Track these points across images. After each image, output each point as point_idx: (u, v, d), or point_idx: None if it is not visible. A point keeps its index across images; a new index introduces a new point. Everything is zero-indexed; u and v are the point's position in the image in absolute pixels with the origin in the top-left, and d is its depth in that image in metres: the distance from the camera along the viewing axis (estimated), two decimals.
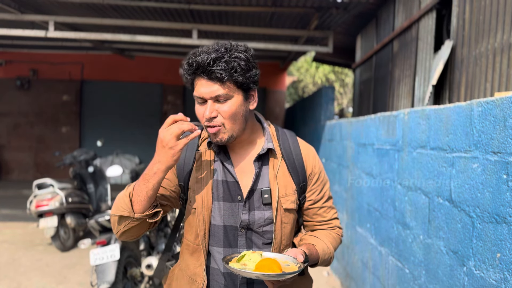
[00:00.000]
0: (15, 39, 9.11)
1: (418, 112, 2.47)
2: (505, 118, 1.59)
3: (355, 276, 3.87)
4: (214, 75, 1.30)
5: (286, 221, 1.47)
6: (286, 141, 1.52)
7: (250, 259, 1.30)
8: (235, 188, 1.44)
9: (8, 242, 5.66)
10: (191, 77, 1.36)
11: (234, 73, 1.31)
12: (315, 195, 1.54)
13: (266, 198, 1.43)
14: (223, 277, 1.46)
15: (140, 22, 6.14)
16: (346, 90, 17.61)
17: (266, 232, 1.45)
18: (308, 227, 1.60)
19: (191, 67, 1.33)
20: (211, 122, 1.35)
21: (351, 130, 4.18)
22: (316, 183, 1.54)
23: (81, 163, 6.14)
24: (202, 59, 1.29)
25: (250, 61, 1.36)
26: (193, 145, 1.49)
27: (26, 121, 11.25)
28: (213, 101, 1.34)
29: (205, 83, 1.32)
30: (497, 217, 1.62)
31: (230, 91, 1.33)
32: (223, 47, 1.33)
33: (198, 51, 1.34)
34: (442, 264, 2.10)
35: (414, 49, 4.70)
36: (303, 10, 5.45)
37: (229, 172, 1.45)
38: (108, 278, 3.24)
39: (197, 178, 1.45)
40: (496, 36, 3.18)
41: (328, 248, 1.49)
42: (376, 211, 3.25)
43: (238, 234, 1.44)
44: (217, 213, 1.44)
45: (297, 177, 1.49)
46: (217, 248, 1.46)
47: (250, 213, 1.43)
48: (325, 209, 1.56)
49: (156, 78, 11.33)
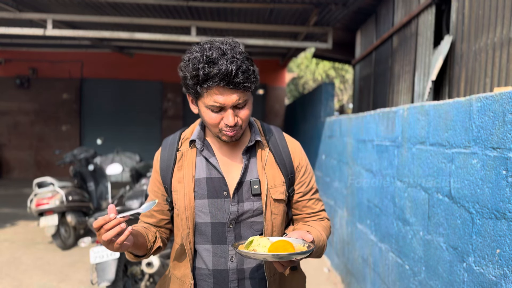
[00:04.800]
0: (14, 38, 9.10)
1: (417, 108, 2.46)
2: (504, 114, 1.58)
3: (355, 272, 3.87)
4: (241, 86, 1.29)
5: (276, 212, 1.47)
6: (272, 135, 1.55)
7: (259, 244, 1.29)
8: (220, 184, 1.44)
9: (9, 241, 5.67)
10: (206, 87, 1.30)
11: (253, 79, 1.33)
12: (303, 187, 1.54)
13: (256, 189, 1.43)
14: (212, 276, 1.45)
15: (139, 20, 6.12)
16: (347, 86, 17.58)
17: (256, 223, 1.45)
18: (298, 220, 1.59)
19: (213, 78, 1.27)
20: (234, 127, 1.37)
21: (351, 127, 4.17)
22: (304, 175, 1.55)
23: (81, 161, 6.14)
24: (226, 71, 1.26)
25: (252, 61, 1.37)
26: (173, 146, 1.51)
27: (26, 120, 11.26)
28: (233, 108, 1.34)
29: (225, 91, 1.30)
30: (497, 213, 1.61)
31: (247, 96, 1.36)
32: (236, 52, 1.31)
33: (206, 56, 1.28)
34: (442, 260, 2.10)
35: (414, 45, 4.68)
36: (302, 6, 5.43)
37: (214, 167, 1.46)
38: (109, 276, 3.24)
39: (179, 178, 1.46)
40: (496, 31, 3.16)
41: (322, 235, 1.48)
42: (376, 208, 3.24)
43: (227, 230, 1.44)
44: (202, 211, 1.44)
45: (285, 169, 1.50)
46: (205, 246, 1.45)
47: (239, 204, 1.43)
48: (314, 201, 1.57)
49: (156, 75, 11.32)
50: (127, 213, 1.25)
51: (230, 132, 1.38)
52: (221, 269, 1.44)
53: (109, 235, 1.20)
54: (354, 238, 3.97)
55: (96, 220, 1.21)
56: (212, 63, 1.27)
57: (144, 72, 11.25)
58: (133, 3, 5.56)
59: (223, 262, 1.44)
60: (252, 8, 5.61)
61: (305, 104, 8.20)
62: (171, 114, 11.49)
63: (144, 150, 11.06)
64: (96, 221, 1.21)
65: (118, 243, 1.22)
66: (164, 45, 9.17)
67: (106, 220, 1.20)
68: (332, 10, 5.42)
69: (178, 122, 11.48)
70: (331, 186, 5.06)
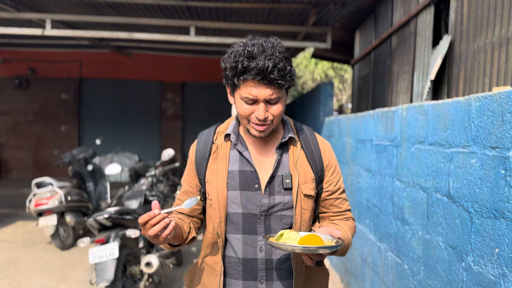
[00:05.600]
0: (12, 38, 9.08)
1: (416, 108, 2.46)
2: (503, 113, 1.58)
3: (354, 272, 3.87)
4: (274, 82, 1.36)
5: (306, 207, 1.52)
6: (304, 133, 1.60)
7: (289, 237, 1.35)
8: (252, 177, 1.50)
9: (7, 241, 5.66)
10: (243, 79, 1.38)
11: (288, 78, 1.39)
12: (332, 186, 1.59)
13: (287, 183, 1.48)
14: (241, 264, 1.51)
15: (138, 20, 6.12)
16: (346, 86, 17.58)
17: (285, 216, 1.50)
18: (324, 218, 1.64)
19: (250, 71, 1.35)
20: (264, 121, 1.42)
21: (349, 126, 4.17)
22: (333, 175, 1.60)
23: (80, 161, 6.13)
24: (263, 66, 1.33)
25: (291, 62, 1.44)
26: (208, 139, 1.59)
27: (25, 120, 11.24)
28: (265, 102, 1.40)
29: (259, 85, 1.37)
30: (495, 212, 1.61)
31: (281, 93, 1.42)
32: (276, 51, 1.38)
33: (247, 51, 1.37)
34: (440, 260, 2.10)
35: (413, 45, 4.68)
36: (301, 6, 5.43)
37: (247, 161, 1.52)
38: (107, 276, 3.24)
39: (213, 170, 1.53)
40: (494, 30, 3.16)
41: (347, 234, 1.53)
42: (375, 207, 3.25)
43: (257, 221, 1.50)
44: (234, 202, 1.50)
45: (315, 167, 1.55)
46: (236, 235, 1.52)
47: (270, 197, 1.49)
48: (341, 200, 1.62)
49: (154, 75, 11.31)
50: (170, 209, 1.34)
51: (259, 126, 1.44)
52: (250, 258, 1.50)
53: (154, 230, 1.29)
54: (353, 237, 3.97)
55: (141, 216, 1.29)
56: (252, 58, 1.36)
57: (143, 72, 11.24)
58: (131, 3, 5.55)
59: (252, 251, 1.50)
60: (251, 8, 5.60)
61: (304, 104, 8.20)
62: (170, 114, 11.48)
63: (143, 150, 11.07)
64: (141, 216, 1.29)
65: (163, 237, 1.31)
66: (163, 45, 9.15)
67: (151, 216, 1.28)
68: (331, 10, 5.42)
69: (177, 122, 11.47)
70: None
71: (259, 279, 1.51)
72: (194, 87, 11.51)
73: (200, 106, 11.48)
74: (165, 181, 5.50)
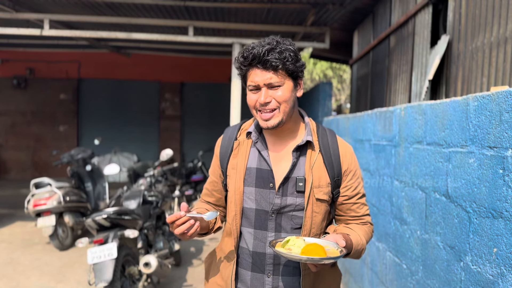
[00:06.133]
0: (10, 38, 9.07)
1: (415, 108, 2.46)
2: (501, 113, 1.59)
3: (353, 271, 3.88)
4: (269, 63, 1.44)
5: (318, 211, 1.54)
6: (325, 137, 1.62)
7: (294, 244, 1.40)
8: (268, 176, 1.55)
9: (6, 242, 5.65)
10: (246, 68, 1.49)
11: (286, 62, 1.45)
12: (349, 191, 1.60)
13: (300, 186, 1.52)
14: (251, 257, 1.58)
15: (136, 20, 6.11)
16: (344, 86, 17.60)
17: (296, 217, 1.54)
18: (340, 221, 1.67)
19: (247, 58, 1.46)
20: (267, 107, 1.48)
21: (348, 126, 4.17)
22: (351, 180, 1.61)
23: (78, 161, 6.12)
24: (258, 51, 1.44)
25: (297, 53, 1.52)
26: (232, 135, 1.66)
27: (23, 120, 11.22)
28: (267, 88, 1.48)
29: (259, 72, 1.46)
30: (494, 212, 1.62)
31: (283, 78, 1.48)
32: (274, 40, 1.48)
33: (250, 46, 1.49)
34: (439, 259, 2.10)
35: (411, 44, 4.69)
36: (299, 6, 5.43)
37: (264, 160, 1.57)
38: (106, 277, 3.24)
39: (233, 165, 1.61)
40: (493, 30, 3.17)
41: (361, 239, 1.55)
42: (374, 207, 3.25)
43: (269, 218, 1.55)
44: (249, 197, 1.57)
45: (332, 172, 1.57)
46: (248, 229, 1.59)
47: (282, 198, 1.54)
48: (359, 205, 1.63)
49: (153, 75, 11.30)
50: (194, 215, 1.46)
51: (264, 114, 1.49)
52: (259, 252, 1.56)
53: (181, 229, 1.41)
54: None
55: (169, 216, 1.42)
56: (252, 48, 1.47)
57: (141, 72, 11.23)
58: (130, 3, 5.55)
59: (262, 246, 1.56)
60: (249, 8, 5.60)
61: (303, 104, 8.21)
62: (169, 114, 11.47)
63: (142, 150, 11.06)
64: (169, 216, 1.42)
65: (188, 235, 1.44)
66: (161, 45, 9.15)
67: (177, 217, 1.41)
68: (329, 10, 5.42)
69: (176, 122, 11.46)
70: None
71: (266, 273, 1.56)
72: (193, 87, 11.50)
73: (199, 106, 11.47)
74: (163, 181, 5.50)
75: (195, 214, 1.45)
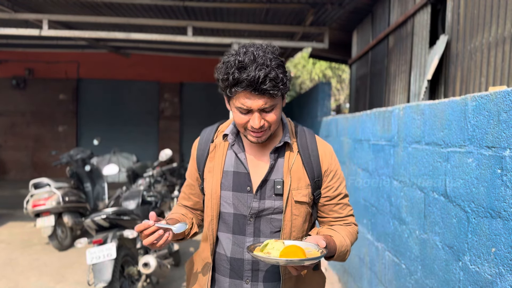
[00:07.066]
0: (9, 38, 9.05)
1: (413, 108, 2.46)
2: (499, 113, 1.59)
3: (352, 271, 3.88)
4: (267, 92, 1.34)
5: (297, 213, 1.50)
6: (304, 138, 1.58)
7: (273, 247, 1.34)
8: (245, 179, 1.51)
9: (5, 242, 5.65)
10: (235, 91, 1.37)
11: (281, 86, 1.37)
12: (331, 192, 1.57)
13: (278, 189, 1.48)
14: (229, 263, 1.54)
15: (135, 20, 6.11)
16: (343, 86, 17.60)
17: (275, 220, 1.50)
18: (323, 223, 1.63)
19: (241, 83, 1.33)
20: (260, 129, 1.42)
21: (347, 126, 4.17)
22: (332, 180, 1.57)
23: (78, 162, 6.12)
24: (254, 78, 1.31)
25: (285, 67, 1.42)
26: (209, 137, 1.61)
27: (22, 121, 11.22)
28: (260, 111, 1.40)
29: (252, 96, 1.36)
30: (492, 212, 1.62)
31: (275, 101, 1.40)
32: (267, 59, 1.35)
33: (238, 61, 1.34)
34: (437, 259, 2.10)
35: (410, 44, 4.69)
36: (298, 6, 5.44)
37: (241, 163, 1.53)
38: (105, 277, 3.24)
39: (209, 168, 1.56)
40: (491, 30, 3.17)
41: (345, 241, 1.52)
42: (373, 207, 3.25)
43: (247, 222, 1.51)
44: (227, 201, 1.52)
45: (312, 173, 1.53)
46: (226, 234, 1.54)
47: (260, 201, 1.50)
48: (341, 206, 1.60)
49: (152, 75, 11.29)
50: (163, 225, 1.37)
51: (256, 133, 1.44)
52: (237, 258, 1.52)
53: (149, 240, 1.33)
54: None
55: (138, 225, 1.33)
56: (243, 69, 1.33)
57: (140, 73, 11.22)
58: (129, 3, 5.55)
59: (240, 251, 1.52)
60: (248, 8, 5.60)
61: (302, 104, 8.21)
62: (168, 115, 11.47)
63: (141, 150, 11.05)
64: (137, 226, 1.33)
65: (158, 246, 1.36)
66: (160, 45, 9.14)
67: (145, 226, 1.32)
68: (328, 10, 5.42)
69: (175, 122, 11.46)
70: None
71: (244, 279, 1.52)
72: (192, 87, 11.50)
73: (198, 106, 11.47)
74: (162, 181, 5.50)
75: (164, 225, 1.37)
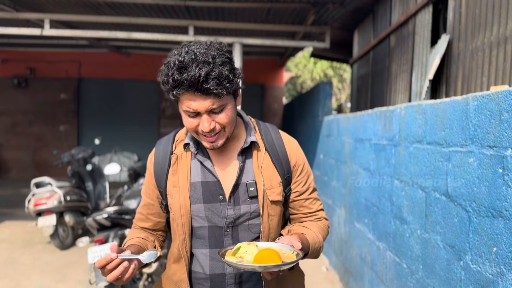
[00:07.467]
0: (11, 38, 9.08)
1: (415, 107, 2.46)
2: (501, 112, 1.59)
3: (353, 271, 3.88)
4: (210, 92, 1.23)
5: (273, 214, 1.44)
6: (268, 134, 1.50)
7: (246, 251, 1.26)
8: (216, 188, 1.41)
9: (7, 241, 5.66)
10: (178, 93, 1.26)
11: (227, 84, 1.25)
12: (300, 187, 1.51)
13: (252, 191, 1.40)
14: (209, 281, 1.43)
15: (136, 19, 6.12)
16: (345, 86, 17.59)
17: (253, 225, 1.42)
18: (294, 220, 1.56)
19: (181, 85, 1.22)
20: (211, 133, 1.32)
21: (348, 126, 4.17)
22: (301, 175, 1.51)
23: (79, 161, 6.13)
24: (194, 77, 1.20)
25: (233, 62, 1.31)
26: (166, 148, 1.47)
27: (24, 120, 11.23)
28: (208, 113, 1.29)
29: (196, 97, 1.25)
30: (493, 211, 1.62)
31: (224, 100, 1.29)
32: (209, 56, 1.23)
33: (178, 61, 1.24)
34: (439, 259, 2.11)
35: (411, 44, 4.69)
36: (300, 5, 5.44)
37: (209, 171, 1.42)
38: None
39: (173, 182, 1.43)
40: (492, 29, 3.17)
41: (318, 237, 1.46)
42: (374, 206, 3.25)
43: (224, 234, 1.41)
44: (198, 215, 1.41)
45: (282, 169, 1.46)
46: (202, 250, 1.43)
47: (235, 208, 1.40)
48: (311, 201, 1.54)
49: (153, 75, 11.25)
50: (128, 256, 1.20)
51: (208, 138, 1.34)
52: (218, 273, 1.42)
53: (113, 276, 1.17)
54: (352, 237, 3.98)
55: (98, 260, 1.17)
56: (183, 69, 1.22)
57: (142, 72, 11.23)
58: (130, 2, 5.55)
59: (220, 266, 1.42)
60: (249, 7, 5.61)
61: (303, 103, 8.21)
62: (169, 114, 11.48)
63: (142, 149, 11.06)
64: (98, 261, 1.17)
65: (124, 280, 1.21)
66: (162, 45, 9.16)
67: (107, 260, 1.16)
68: (330, 9, 5.42)
69: (176, 121, 11.47)
70: (329, 185, 5.07)
71: None
72: None
73: None
74: None
75: (129, 256, 1.20)
